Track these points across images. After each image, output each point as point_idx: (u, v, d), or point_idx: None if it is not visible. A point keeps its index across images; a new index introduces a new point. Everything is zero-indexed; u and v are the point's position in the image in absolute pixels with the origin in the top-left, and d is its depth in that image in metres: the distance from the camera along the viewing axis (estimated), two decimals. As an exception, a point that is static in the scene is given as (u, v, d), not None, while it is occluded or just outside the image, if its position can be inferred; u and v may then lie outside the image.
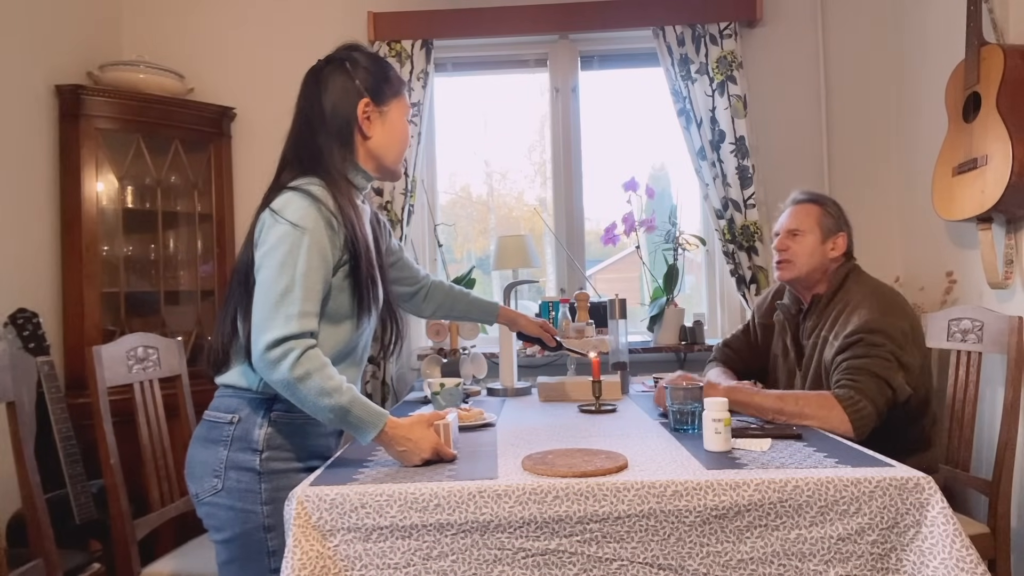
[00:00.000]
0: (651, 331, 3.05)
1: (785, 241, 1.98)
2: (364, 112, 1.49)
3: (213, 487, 1.40)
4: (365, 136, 1.50)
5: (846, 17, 3.04)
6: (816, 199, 2.02)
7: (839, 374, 1.73)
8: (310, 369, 1.30)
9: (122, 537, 1.74)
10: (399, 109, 1.55)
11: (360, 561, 1.23)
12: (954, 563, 1.15)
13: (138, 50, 2.97)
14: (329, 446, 1.56)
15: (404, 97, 1.57)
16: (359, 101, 1.48)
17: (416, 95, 2.95)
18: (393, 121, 1.53)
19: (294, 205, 1.37)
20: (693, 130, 2.92)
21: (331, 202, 1.40)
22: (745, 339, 2.24)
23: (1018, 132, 2.03)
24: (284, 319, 1.30)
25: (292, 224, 1.35)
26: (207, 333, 2.90)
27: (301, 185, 1.40)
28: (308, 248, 1.34)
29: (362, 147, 1.51)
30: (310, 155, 1.48)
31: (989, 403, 2.27)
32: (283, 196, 1.39)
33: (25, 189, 2.49)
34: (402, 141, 1.56)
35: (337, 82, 1.49)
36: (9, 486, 1.72)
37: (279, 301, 1.31)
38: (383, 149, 1.53)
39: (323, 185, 1.42)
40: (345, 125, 1.48)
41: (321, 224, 1.37)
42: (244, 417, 1.42)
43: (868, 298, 1.84)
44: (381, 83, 1.51)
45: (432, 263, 3.17)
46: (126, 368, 1.90)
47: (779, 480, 1.22)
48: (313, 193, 1.39)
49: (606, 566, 1.22)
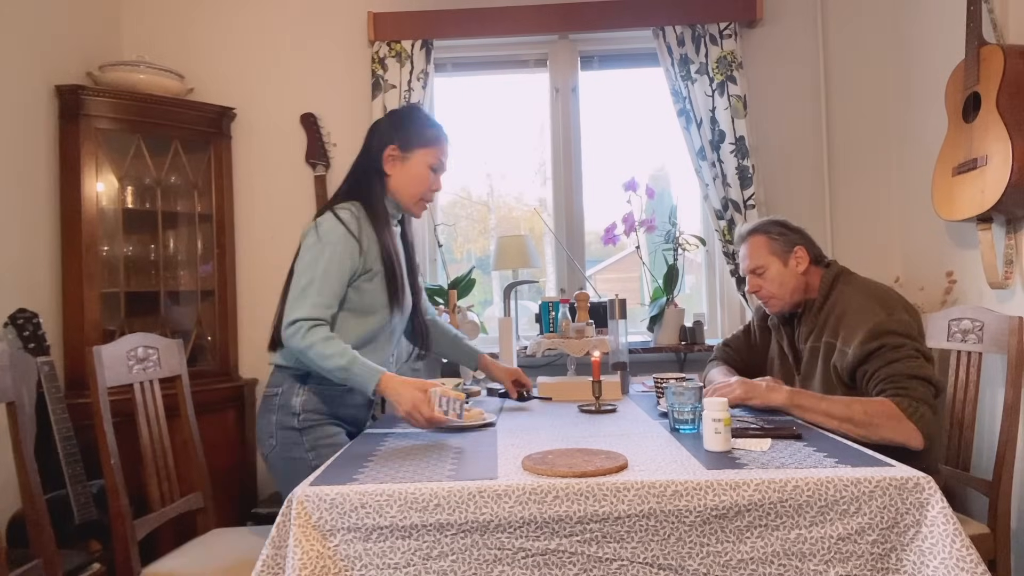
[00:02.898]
0: (651, 331, 3.05)
1: (755, 281, 2.01)
2: (389, 154, 1.85)
3: (271, 446, 1.78)
4: (387, 174, 1.86)
5: (846, 17, 3.04)
6: (756, 229, 2.05)
7: (880, 383, 1.71)
8: (313, 341, 1.65)
9: (122, 537, 1.74)
10: (422, 158, 1.86)
11: (360, 561, 1.23)
12: (954, 563, 1.15)
13: (138, 50, 2.97)
14: (358, 417, 1.90)
15: (434, 150, 1.87)
16: (388, 144, 1.85)
17: (416, 95, 2.95)
18: (412, 167, 1.86)
19: (325, 224, 1.76)
20: (693, 130, 2.92)
21: (355, 224, 1.76)
22: (746, 339, 2.25)
23: (1018, 132, 2.03)
24: (300, 306, 1.68)
25: (318, 237, 1.74)
26: (207, 333, 2.90)
27: (336, 207, 1.80)
28: (329, 257, 1.72)
29: (389, 182, 1.87)
30: (355, 183, 1.88)
31: (989, 403, 2.27)
32: (322, 216, 1.79)
33: (25, 189, 2.48)
34: (417, 185, 1.87)
35: (381, 127, 1.91)
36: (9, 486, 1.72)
37: (300, 295, 1.70)
38: (399, 188, 1.87)
39: (358, 207, 1.81)
40: (378, 161, 1.85)
41: (342, 239, 1.74)
42: (285, 389, 1.79)
43: (866, 300, 1.84)
44: (411, 134, 1.86)
45: (432, 263, 3.17)
46: (126, 368, 1.90)
47: (779, 480, 1.22)
48: (340, 216, 1.76)
49: (606, 566, 1.22)
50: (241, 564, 1.75)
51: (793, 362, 2.04)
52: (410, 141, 1.85)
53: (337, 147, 3.06)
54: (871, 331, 1.75)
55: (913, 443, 1.62)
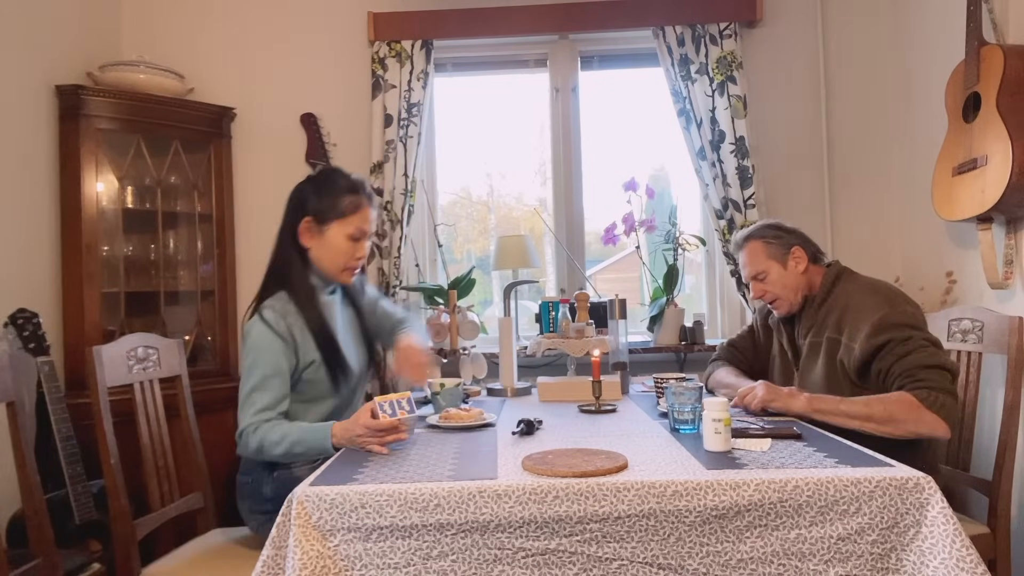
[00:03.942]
0: (651, 331, 3.05)
1: (759, 287, 2.03)
2: (305, 227, 1.82)
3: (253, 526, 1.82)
4: (307, 247, 1.84)
5: (846, 17, 3.04)
6: (751, 235, 2.07)
7: (897, 379, 1.71)
8: (260, 439, 1.67)
9: (122, 537, 1.74)
10: (339, 229, 1.82)
11: (360, 561, 1.23)
12: (954, 563, 1.15)
13: (138, 50, 2.97)
14: None
15: (352, 219, 1.82)
16: (303, 217, 1.82)
17: (416, 95, 2.95)
18: (330, 240, 1.83)
19: (254, 331, 1.75)
20: (693, 130, 2.92)
21: (282, 323, 1.75)
22: (750, 339, 2.25)
23: (1018, 132, 2.03)
24: (245, 415, 1.70)
25: (251, 345, 1.74)
26: (207, 333, 2.90)
27: (262, 308, 1.78)
28: (265, 361, 1.72)
29: (310, 255, 1.85)
30: (278, 266, 1.86)
31: (989, 403, 2.27)
32: (251, 321, 1.78)
33: (25, 189, 2.48)
34: (338, 257, 1.84)
35: (298, 196, 1.86)
36: (9, 486, 1.72)
37: (245, 402, 1.71)
38: (320, 260, 1.85)
39: (283, 299, 1.79)
40: (295, 236, 1.83)
41: (271, 344, 1.73)
42: (255, 478, 1.79)
43: (869, 296, 1.84)
44: (325, 205, 1.81)
45: (432, 263, 3.17)
46: (126, 368, 1.90)
47: (779, 480, 1.22)
48: (266, 318, 1.75)
49: (606, 566, 1.22)
50: (241, 564, 1.75)
51: (792, 358, 2.04)
52: (324, 213, 1.81)
53: (337, 147, 3.05)
54: (876, 325, 1.75)
55: (939, 432, 1.63)
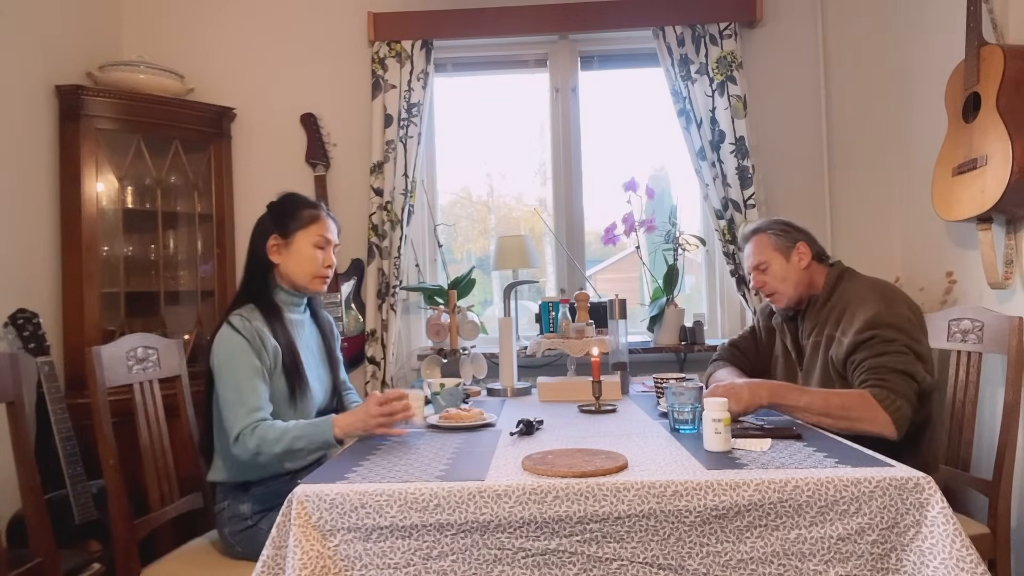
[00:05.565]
0: (651, 331, 3.05)
1: (759, 277, 2.04)
2: (272, 244, 1.89)
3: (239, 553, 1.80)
4: (275, 264, 1.90)
5: (846, 17, 3.04)
6: (759, 228, 2.08)
7: (863, 374, 1.72)
8: (259, 439, 1.67)
9: (122, 537, 1.74)
10: (304, 239, 1.90)
11: (360, 561, 1.23)
12: (954, 563, 1.15)
13: (138, 50, 2.97)
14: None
15: (314, 227, 1.90)
16: (269, 236, 1.89)
17: (416, 95, 2.95)
18: (297, 250, 1.89)
19: (222, 336, 1.79)
20: (693, 130, 2.92)
21: (249, 327, 1.78)
22: (752, 340, 2.25)
23: (1018, 132, 2.03)
24: (235, 419, 1.71)
25: (223, 351, 1.76)
26: (207, 333, 2.90)
27: (231, 316, 1.81)
28: (240, 363, 1.75)
29: (279, 271, 1.91)
30: (248, 284, 1.91)
31: (989, 403, 2.27)
32: (219, 330, 1.81)
33: (25, 189, 2.48)
34: (307, 265, 1.90)
35: (261, 223, 1.93)
36: (9, 486, 1.72)
37: (230, 408, 1.72)
38: (290, 272, 1.90)
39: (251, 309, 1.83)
40: (264, 256, 1.89)
41: (240, 344, 1.76)
42: (230, 502, 1.81)
43: (868, 293, 1.85)
44: (287, 219, 1.90)
45: (432, 263, 3.17)
46: (126, 368, 1.90)
47: (779, 480, 1.22)
48: (233, 323, 1.79)
49: (606, 566, 1.22)
50: (241, 565, 1.74)
51: (796, 358, 2.04)
52: (288, 227, 1.89)
53: (337, 147, 3.06)
54: (867, 321, 1.76)
55: (887, 433, 1.62)
